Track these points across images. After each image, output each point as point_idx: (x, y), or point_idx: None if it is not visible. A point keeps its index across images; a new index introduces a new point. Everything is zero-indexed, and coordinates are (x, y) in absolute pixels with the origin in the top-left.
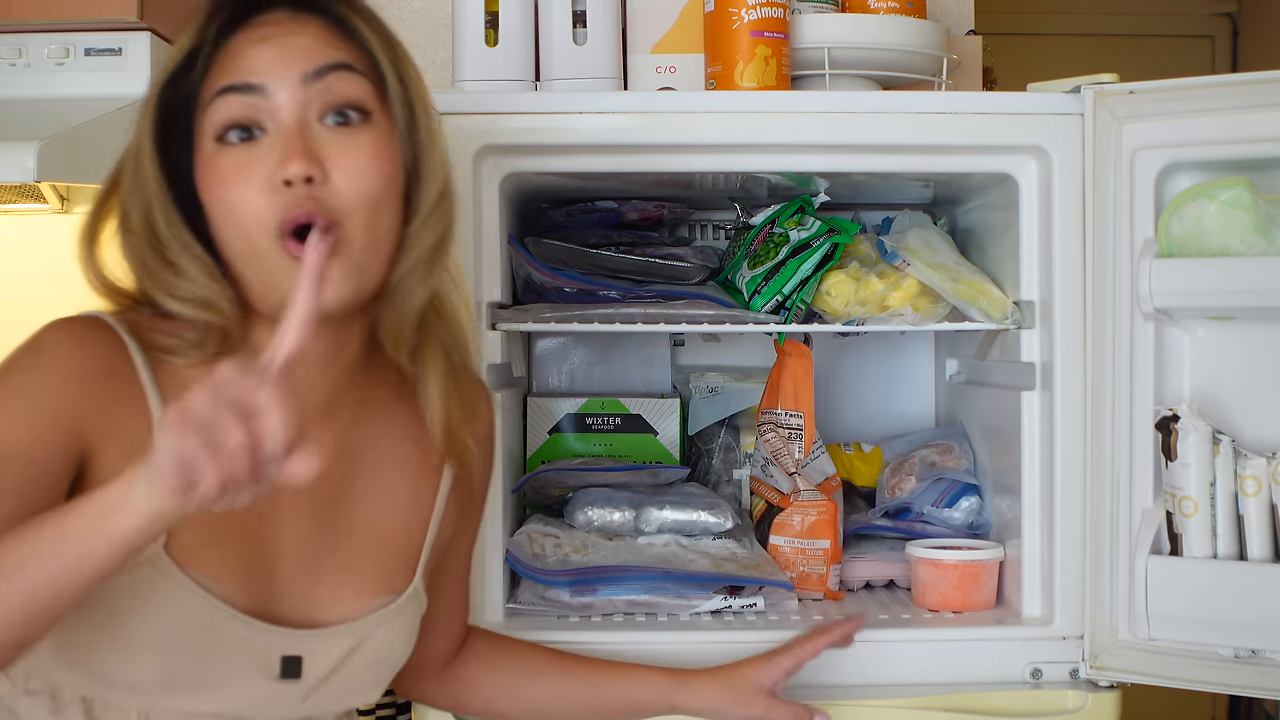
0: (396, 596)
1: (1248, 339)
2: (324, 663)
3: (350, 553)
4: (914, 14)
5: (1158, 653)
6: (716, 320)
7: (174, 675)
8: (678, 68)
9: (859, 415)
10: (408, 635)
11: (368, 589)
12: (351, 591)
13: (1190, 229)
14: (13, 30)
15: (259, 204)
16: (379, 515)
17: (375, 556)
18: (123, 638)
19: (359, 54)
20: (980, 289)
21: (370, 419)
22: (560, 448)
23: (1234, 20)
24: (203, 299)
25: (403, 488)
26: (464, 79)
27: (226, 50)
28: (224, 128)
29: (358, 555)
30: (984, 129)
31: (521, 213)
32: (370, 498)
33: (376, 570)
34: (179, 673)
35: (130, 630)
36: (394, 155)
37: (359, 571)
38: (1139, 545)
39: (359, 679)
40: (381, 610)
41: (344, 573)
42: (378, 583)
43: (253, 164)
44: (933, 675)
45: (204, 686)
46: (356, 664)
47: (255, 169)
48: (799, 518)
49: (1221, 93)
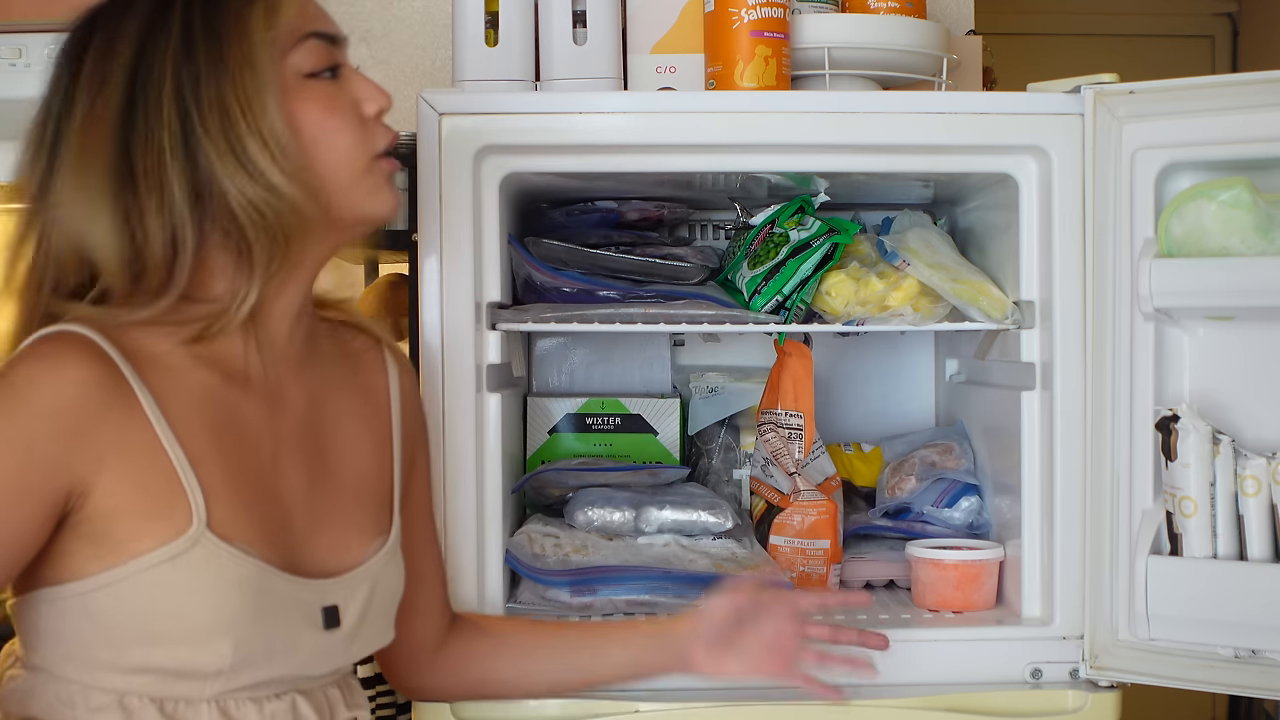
0: (388, 536)
1: (1248, 339)
2: (354, 608)
3: (342, 500)
4: (914, 14)
5: (1158, 653)
6: (716, 320)
7: (243, 650)
8: (678, 68)
9: (859, 415)
10: (402, 571)
11: (365, 533)
12: (354, 537)
13: (1190, 229)
14: (13, 30)
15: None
16: (355, 461)
17: (361, 501)
18: (190, 626)
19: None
20: (980, 289)
21: (325, 371)
22: (560, 448)
23: (1234, 20)
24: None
25: (366, 433)
26: (464, 79)
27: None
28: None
29: (348, 502)
30: (984, 129)
31: (521, 213)
32: (344, 445)
33: (366, 514)
34: (247, 646)
35: (197, 617)
36: None
37: (354, 517)
38: (1139, 545)
39: (382, 619)
40: (382, 550)
41: (341, 519)
42: (370, 526)
43: (343, 97)
44: (933, 675)
45: (270, 655)
46: (377, 604)
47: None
48: (799, 518)
49: (1221, 93)
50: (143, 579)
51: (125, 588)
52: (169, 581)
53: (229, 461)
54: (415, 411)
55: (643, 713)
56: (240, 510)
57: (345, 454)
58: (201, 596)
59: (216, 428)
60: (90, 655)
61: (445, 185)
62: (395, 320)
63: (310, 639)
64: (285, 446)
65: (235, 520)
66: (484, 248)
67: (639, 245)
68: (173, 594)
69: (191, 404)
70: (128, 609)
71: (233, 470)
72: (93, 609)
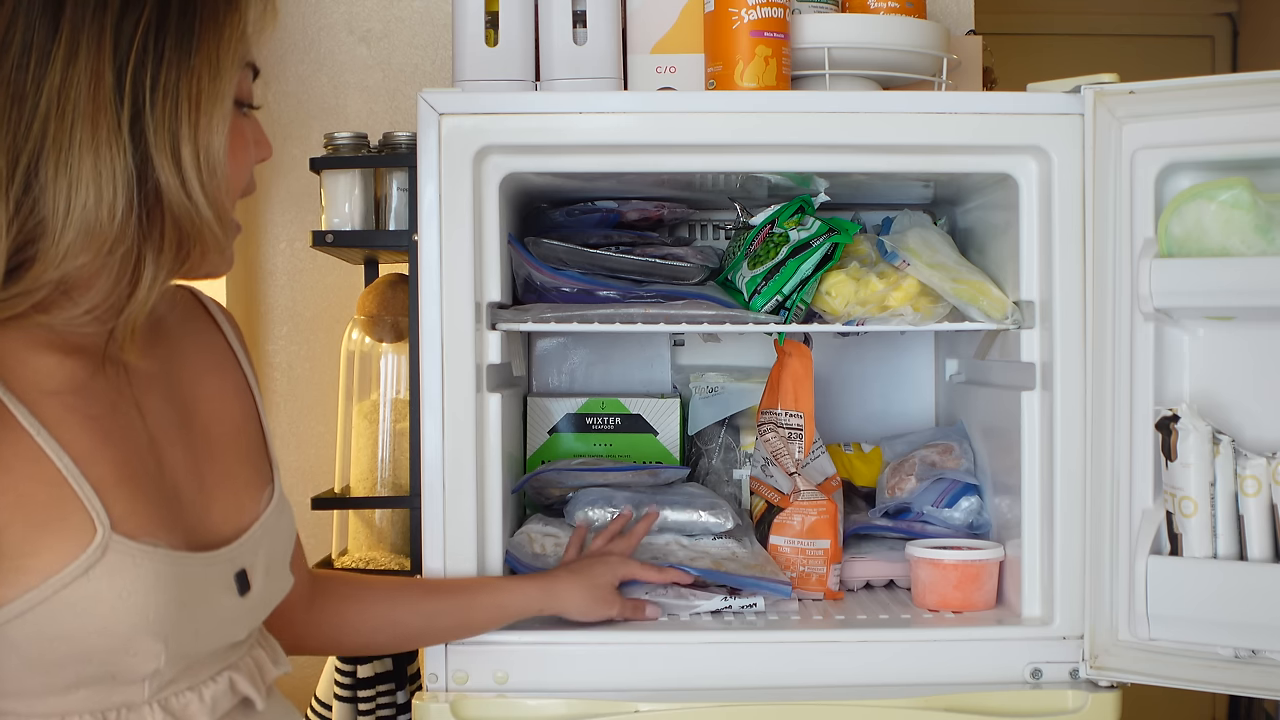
0: (272, 484)
1: (1248, 339)
2: (260, 566)
3: (224, 462)
4: (914, 14)
5: (1158, 653)
6: (716, 320)
7: (175, 643)
8: (678, 68)
9: (859, 415)
10: (291, 514)
11: (253, 487)
12: (245, 494)
13: (1190, 229)
14: None
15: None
16: (224, 419)
17: (243, 457)
18: (120, 634)
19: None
20: (980, 289)
21: (168, 340)
22: (560, 448)
23: (1234, 20)
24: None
25: (224, 389)
26: (464, 79)
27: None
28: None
29: (228, 460)
30: (984, 129)
31: (521, 213)
32: (209, 407)
33: (247, 468)
34: (178, 638)
35: (124, 623)
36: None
37: (237, 475)
38: (1139, 545)
39: (280, 567)
40: (273, 501)
41: (228, 482)
42: (254, 478)
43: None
44: (933, 675)
45: (198, 638)
46: (277, 556)
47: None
48: (799, 518)
49: (1221, 93)
50: (60, 599)
51: (43, 611)
52: (88, 595)
53: (115, 455)
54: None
55: (642, 713)
56: (138, 503)
57: (213, 415)
58: (124, 601)
59: (93, 421)
60: (20, 685)
61: (445, 185)
62: (395, 320)
63: (229, 607)
64: (158, 425)
65: (136, 515)
66: (484, 248)
67: (639, 245)
68: (95, 606)
69: (64, 402)
70: (50, 632)
71: (120, 463)
72: (12, 638)
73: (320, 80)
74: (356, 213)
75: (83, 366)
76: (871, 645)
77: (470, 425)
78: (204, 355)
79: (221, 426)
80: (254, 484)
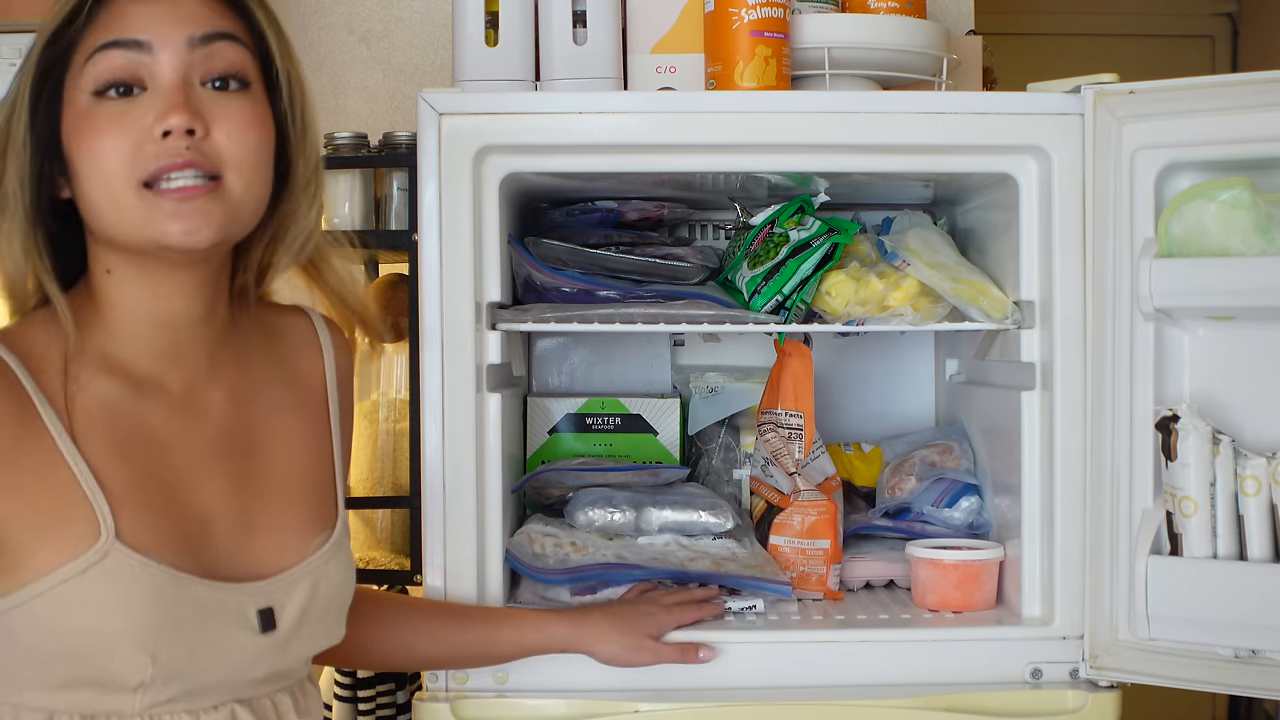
0: (332, 530)
1: (1248, 339)
2: (293, 608)
3: (276, 501)
4: (914, 14)
5: (1158, 653)
6: (716, 320)
7: (165, 661)
8: (678, 68)
9: (859, 415)
10: (351, 565)
11: (304, 532)
12: (292, 537)
13: (1190, 229)
14: (13, 30)
15: (128, 155)
16: (290, 458)
17: (300, 498)
18: (106, 640)
19: (244, 27)
20: (980, 289)
21: (252, 371)
22: (560, 448)
23: (1234, 20)
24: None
25: (301, 427)
26: (464, 79)
27: (111, 7)
28: (106, 84)
29: (283, 501)
30: (984, 129)
31: (521, 213)
32: (276, 443)
33: (305, 511)
34: (169, 656)
35: (111, 629)
36: (270, 125)
37: (291, 516)
38: (1139, 545)
39: (329, 615)
40: (325, 546)
41: (276, 522)
42: (311, 522)
43: (128, 118)
44: (933, 675)
45: (197, 663)
46: (320, 601)
47: (131, 123)
48: (799, 518)
49: (1221, 93)
50: (55, 594)
51: (38, 605)
52: (80, 595)
53: (136, 471)
54: (350, 391)
55: (642, 713)
56: (150, 519)
57: (278, 454)
58: (114, 608)
59: (121, 437)
60: (14, 674)
61: (445, 185)
62: (395, 320)
63: (244, 643)
64: (203, 454)
65: (145, 529)
66: (484, 248)
67: (639, 245)
68: (85, 607)
69: (93, 413)
70: (44, 626)
71: (140, 480)
72: (10, 627)
73: (320, 80)
74: (356, 213)
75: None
76: (871, 645)
77: (470, 425)
78: (288, 391)
79: (283, 467)
80: (307, 528)
